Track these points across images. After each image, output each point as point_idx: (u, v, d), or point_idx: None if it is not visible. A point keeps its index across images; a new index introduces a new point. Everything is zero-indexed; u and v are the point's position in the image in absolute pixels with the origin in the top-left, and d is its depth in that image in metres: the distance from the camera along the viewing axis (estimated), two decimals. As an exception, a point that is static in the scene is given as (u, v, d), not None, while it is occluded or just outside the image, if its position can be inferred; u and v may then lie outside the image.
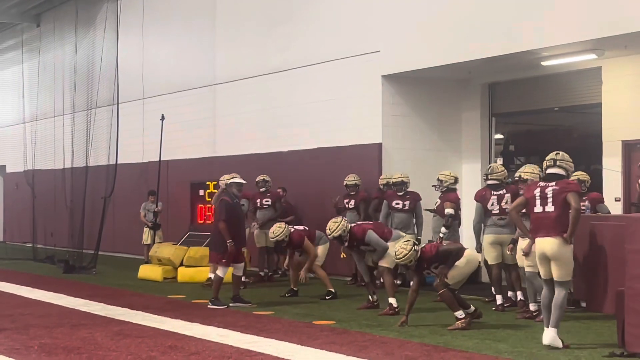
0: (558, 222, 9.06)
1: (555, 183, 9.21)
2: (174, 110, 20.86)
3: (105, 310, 12.43)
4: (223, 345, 9.38)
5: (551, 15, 13.04)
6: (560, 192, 9.10)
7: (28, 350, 9.10)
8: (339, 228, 12.25)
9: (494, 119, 16.78)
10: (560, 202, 9.07)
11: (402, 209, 14.59)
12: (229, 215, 12.92)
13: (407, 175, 14.77)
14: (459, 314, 10.58)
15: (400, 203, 14.61)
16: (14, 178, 29.33)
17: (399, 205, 14.62)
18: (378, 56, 16.09)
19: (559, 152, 9.46)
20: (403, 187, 14.66)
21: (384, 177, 15.34)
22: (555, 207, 9.09)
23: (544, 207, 9.17)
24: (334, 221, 12.40)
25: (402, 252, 10.76)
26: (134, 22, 23.17)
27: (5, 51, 30.33)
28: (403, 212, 14.59)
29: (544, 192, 9.21)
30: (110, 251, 22.78)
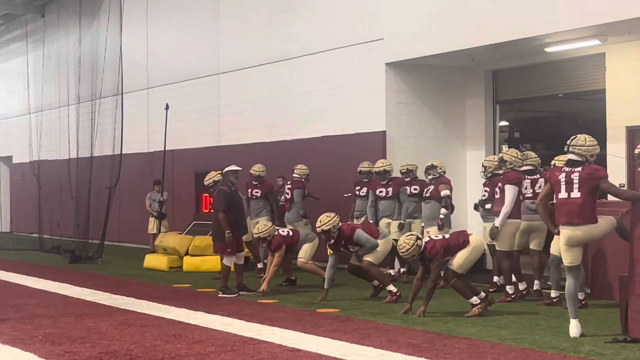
0: (583, 209, 8.87)
1: (581, 168, 8.94)
2: (179, 99, 20.88)
3: (111, 299, 12.47)
4: (227, 334, 9.40)
5: (554, 2, 13.00)
6: (587, 178, 8.87)
7: (32, 340, 9.14)
8: (330, 222, 12.07)
9: (498, 106, 16.75)
10: (588, 189, 8.86)
11: (386, 197, 14.61)
12: (228, 205, 12.92)
13: (390, 164, 14.76)
14: (474, 300, 10.59)
15: (384, 191, 14.65)
16: (20, 169, 29.39)
17: (382, 193, 14.66)
18: (382, 44, 16.06)
19: (576, 137, 9.17)
20: (386, 176, 14.67)
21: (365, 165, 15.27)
22: (581, 194, 8.88)
23: (569, 193, 8.98)
24: (327, 215, 12.25)
25: (404, 246, 10.75)
26: (138, 11, 23.16)
27: (10, 42, 30.36)
28: (387, 200, 14.60)
29: (570, 177, 9.00)
30: (116, 241, 22.84)
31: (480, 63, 16.23)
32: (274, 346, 8.67)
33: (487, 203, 12.70)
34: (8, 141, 29.14)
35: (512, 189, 11.68)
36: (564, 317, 9.30)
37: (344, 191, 16.04)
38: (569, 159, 9.14)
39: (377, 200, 14.74)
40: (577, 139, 9.15)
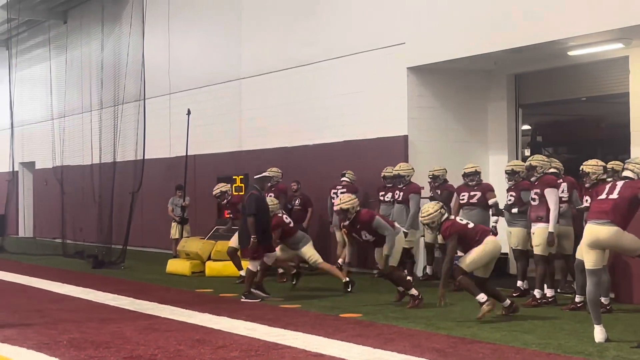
0: (616, 208, 8.84)
1: (626, 181, 9.14)
2: (200, 104, 20.94)
3: (134, 304, 12.51)
4: (250, 339, 9.41)
5: (577, 5, 12.95)
6: (629, 186, 8.98)
7: (57, 345, 9.17)
8: (350, 202, 11.96)
9: (520, 110, 16.70)
10: (628, 194, 8.89)
11: (398, 200, 14.61)
12: (258, 209, 12.95)
13: (410, 168, 14.74)
14: (481, 298, 10.48)
15: (398, 194, 14.68)
16: (43, 174, 29.55)
17: (397, 197, 14.68)
18: (403, 48, 16.05)
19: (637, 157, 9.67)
20: (401, 180, 14.60)
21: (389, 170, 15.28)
22: (619, 196, 8.91)
23: (608, 195, 9.02)
24: (349, 195, 12.30)
25: (428, 210, 10.83)
26: (160, 17, 23.27)
27: (33, 48, 30.54)
28: (399, 204, 14.61)
29: (614, 185, 9.12)
30: (139, 246, 22.91)
31: (503, 67, 16.18)
32: (298, 351, 8.67)
33: (513, 208, 12.65)
34: (31, 147, 29.30)
35: (553, 192, 11.66)
36: (589, 321, 9.25)
37: (365, 196, 16.06)
38: (624, 175, 9.38)
39: (393, 204, 14.77)
40: (637, 158, 9.61)
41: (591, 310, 8.97)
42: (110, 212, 21.32)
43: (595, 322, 8.90)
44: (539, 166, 12.00)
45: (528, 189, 12.39)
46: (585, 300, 10.37)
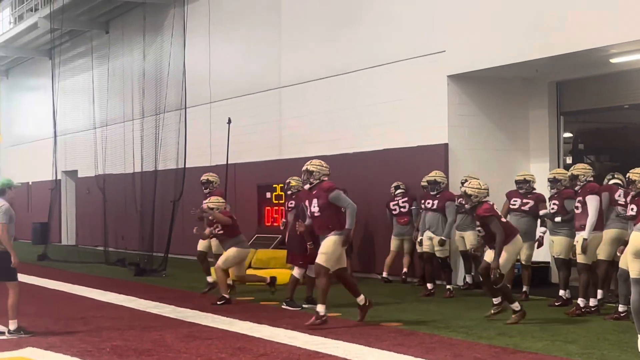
0: None
1: None
2: (241, 113, 21.03)
3: (176, 312, 12.59)
4: (291, 347, 9.43)
5: (619, 12, 12.83)
6: None
7: (100, 352, 9.27)
8: (318, 165, 11.42)
9: (562, 118, 16.57)
10: None
11: (431, 208, 14.46)
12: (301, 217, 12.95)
13: (442, 175, 14.69)
14: (516, 307, 10.79)
15: (430, 202, 14.53)
16: (86, 183, 29.84)
17: (429, 205, 14.53)
18: (443, 56, 16.01)
19: None
20: (436, 187, 14.55)
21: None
22: None
23: None
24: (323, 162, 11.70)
25: (475, 183, 11.14)
26: (201, 26, 23.42)
27: (75, 58, 30.90)
28: (432, 212, 14.45)
29: None
30: (180, 254, 23.03)
31: (544, 74, 16.08)
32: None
33: (556, 216, 12.56)
34: (74, 156, 29.61)
35: (594, 199, 11.58)
36: (633, 331, 9.15)
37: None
38: None
39: (425, 211, 14.70)
40: None
41: (635, 320, 8.83)
42: (152, 220, 21.47)
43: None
44: (581, 175, 11.94)
45: (571, 198, 12.30)
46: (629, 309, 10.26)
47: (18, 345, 9.79)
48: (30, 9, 32.88)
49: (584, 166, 12.25)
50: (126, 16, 27.34)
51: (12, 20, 36.18)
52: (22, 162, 37.30)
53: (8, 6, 37.05)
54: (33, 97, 36.31)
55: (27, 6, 33.30)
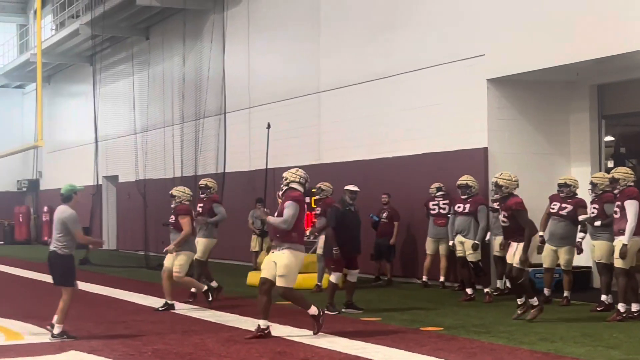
0: None
1: None
2: (280, 118, 21.10)
3: (216, 316, 12.65)
4: (331, 351, 9.44)
5: (662, 14, 12.71)
6: None
7: (142, 356, 9.34)
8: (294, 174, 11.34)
9: (603, 121, 16.41)
10: None
11: (462, 212, 14.44)
12: (338, 222, 12.99)
13: (474, 180, 14.64)
14: (534, 302, 11.29)
15: (461, 206, 14.49)
16: (126, 188, 30.08)
17: (460, 209, 14.52)
18: (483, 60, 15.93)
19: None
20: (467, 191, 14.48)
21: None
22: None
23: None
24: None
25: (507, 175, 11.56)
26: (240, 32, 23.53)
27: (116, 64, 31.20)
28: (463, 215, 14.43)
29: None
30: (220, 258, 23.12)
31: (585, 77, 15.94)
32: (379, 364, 8.68)
33: (596, 221, 12.46)
34: (114, 161, 29.89)
35: (633, 204, 11.47)
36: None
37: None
38: None
39: (455, 215, 14.66)
40: None
41: None
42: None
43: None
44: (621, 179, 11.82)
45: (611, 202, 12.19)
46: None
47: (61, 348, 9.89)
48: (71, 15, 33.30)
49: (626, 170, 12.14)
50: (166, 22, 27.56)
51: (54, 27, 36.63)
52: (63, 168, 37.71)
53: (50, 13, 37.52)
54: (74, 103, 36.72)
55: (69, 13, 33.73)
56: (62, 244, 10.66)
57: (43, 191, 41.27)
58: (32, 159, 40.81)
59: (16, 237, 40.18)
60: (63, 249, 10.64)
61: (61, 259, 10.66)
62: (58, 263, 10.70)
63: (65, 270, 10.69)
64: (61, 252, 10.64)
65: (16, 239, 40.08)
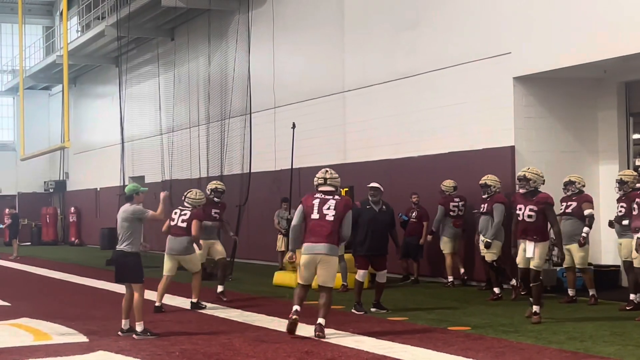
0: None
1: None
2: (305, 118, 21.09)
3: (243, 316, 12.67)
4: (359, 351, 9.42)
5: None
6: None
7: (170, 356, 9.36)
8: None
9: (631, 119, 16.28)
10: None
11: (482, 212, 14.49)
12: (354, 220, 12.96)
13: (495, 179, 14.60)
14: (538, 309, 11.20)
15: (483, 206, 14.53)
16: (152, 188, 30.07)
17: (482, 209, 14.56)
18: (509, 58, 15.85)
19: None
20: (487, 190, 14.44)
21: None
22: None
23: None
24: None
25: (535, 169, 11.55)
26: (265, 32, 23.55)
27: (142, 65, 31.32)
28: (484, 215, 14.50)
29: None
30: (246, 258, 23.19)
31: (612, 75, 15.82)
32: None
33: (624, 219, 12.35)
34: (141, 161, 29.98)
35: None
36: None
37: (472, 207, 15.95)
38: None
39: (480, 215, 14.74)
40: None
41: None
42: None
43: None
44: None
45: None
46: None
47: (90, 348, 9.93)
48: (97, 17, 33.47)
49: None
50: (191, 23, 27.63)
51: (80, 28, 36.84)
52: (90, 169, 37.94)
53: (75, 15, 37.74)
54: (100, 104, 36.91)
55: (94, 15, 33.89)
56: (128, 242, 10.95)
57: (70, 192, 41.53)
58: (59, 160, 41.14)
59: (43, 238, 40.45)
60: (130, 246, 10.93)
61: (130, 256, 10.93)
62: (127, 261, 10.94)
63: (134, 267, 10.94)
64: (128, 249, 10.92)
65: (43, 239, 40.34)
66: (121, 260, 10.97)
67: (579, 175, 13.99)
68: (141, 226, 11.12)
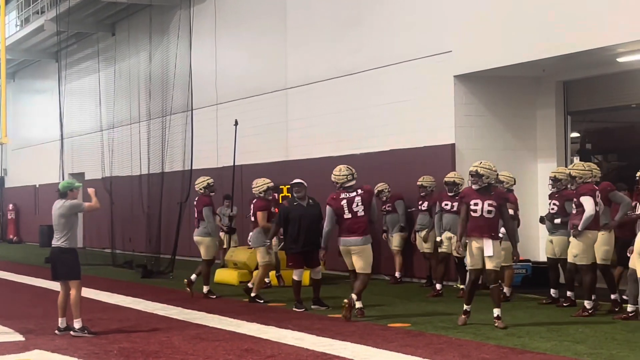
0: None
1: None
2: (247, 115, 21.02)
3: (183, 314, 12.58)
4: (299, 349, 9.41)
5: (626, 11, 12.78)
6: None
7: (107, 355, 9.26)
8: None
9: (569, 117, 16.52)
10: None
11: (451, 210, 14.29)
12: (284, 218, 13.09)
13: (461, 177, 14.53)
14: (499, 312, 10.72)
15: (449, 204, 14.40)
16: (92, 185, 29.71)
17: (447, 206, 14.41)
18: (450, 56, 15.97)
19: None
20: (454, 188, 14.43)
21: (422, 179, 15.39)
22: None
23: None
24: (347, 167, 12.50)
25: (487, 164, 11.04)
26: (207, 28, 23.43)
27: (82, 60, 30.93)
28: (451, 213, 14.26)
29: None
30: (187, 255, 23.03)
31: (551, 74, 16.03)
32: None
33: (556, 217, 12.50)
34: (81, 158, 29.63)
35: (588, 199, 11.48)
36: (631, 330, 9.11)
37: (413, 204, 16.03)
38: None
39: (442, 212, 14.61)
40: None
41: None
42: (159, 222, 21.47)
43: None
44: (578, 176, 11.81)
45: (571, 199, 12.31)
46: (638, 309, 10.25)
47: (25, 347, 9.79)
48: (36, 11, 32.97)
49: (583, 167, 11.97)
50: (132, 18, 27.35)
51: (19, 23, 36.26)
52: (29, 165, 37.38)
53: (14, 9, 37.13)
54: (40, 99, 36.38)
55: (34, 9, 33.38)
56: (64, 238, 10.76)
57: (8, 189, 40.85)
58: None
59: (-20, 235, 39.78)
60: (66, 243, 10.74)
61: (66, 253, 10.76)
62: (63, 258, 10.77)
63: (71, 263, 10.78)
64: (65, 246, 10.74)
65: (-20, 237, 39.68)
66: (58, 257, 10.79)
67: (513, 172, 14.04)
68: (77, 221, 10.90)
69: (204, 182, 15.62)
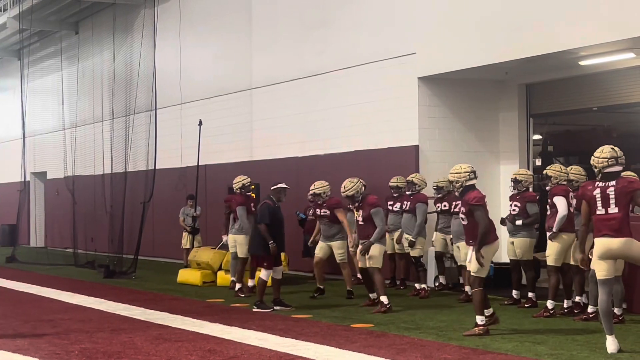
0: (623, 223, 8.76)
1: (615, 182, 8.89)
2: (212, 115, 20.98)
3: (145, 314, 12.52)
4: (262, 349, 9.41)
5: (588, 15, 12.92)
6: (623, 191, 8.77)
7: (69, 355, 9.19)
8: (353, 188, 12.75)
9: (531, 120, 16.67)
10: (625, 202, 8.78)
11: (405, 210, 14.67)
12: (271, 218, 13.01)
13: (423, 179, 14.81)
14: (480, 320, 10.21)
15: (406, 204, 14.66)
16: (55, 184, 29.63)
17: (404, 206, 14.71)
18: (414, 58, 16.05)
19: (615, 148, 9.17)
20: (411, 188, 14.67)
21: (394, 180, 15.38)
22: (619, 208, 8.76)
23: (606, 209, 8.82)
24: (350, 180, 12.87)
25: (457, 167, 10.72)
26: (171, 27, 23.33)
27: (44, 59, 30.67)
28: (406, 213, 14.66)
29: (605, 192, 8.86)
30: (150, 256, 22.96)
31: (514, 77, 16.17)
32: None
33: (517, 218, 12.60)
34: (43, 157, 29.38)
35: (561, 199, 11.57)
36: (601, 332, 9.21)
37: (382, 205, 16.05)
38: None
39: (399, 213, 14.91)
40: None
41: (603, 320, 8.91)
42: (122, 222, 21.33)
43: (608, 333, 8.86)
44: (554, 177, 11.92)
45: (534, 201, 12.40)
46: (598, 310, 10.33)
47: (-15, 348, 9.68)
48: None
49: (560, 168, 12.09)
50: (96, 17, 27.14)
51: (-20, 20, 35.82)
52: (-10, 164, 36.97)
53: (-24, 6, 36.69)
54: (1, 97, 35.98)
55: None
56: None
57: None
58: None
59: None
60: None
61: None
62: None
63: None
64: None
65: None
66: None
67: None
68: None
69: (241, 182, 15.43)
